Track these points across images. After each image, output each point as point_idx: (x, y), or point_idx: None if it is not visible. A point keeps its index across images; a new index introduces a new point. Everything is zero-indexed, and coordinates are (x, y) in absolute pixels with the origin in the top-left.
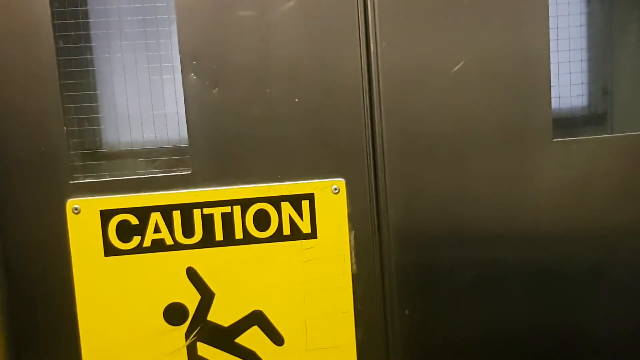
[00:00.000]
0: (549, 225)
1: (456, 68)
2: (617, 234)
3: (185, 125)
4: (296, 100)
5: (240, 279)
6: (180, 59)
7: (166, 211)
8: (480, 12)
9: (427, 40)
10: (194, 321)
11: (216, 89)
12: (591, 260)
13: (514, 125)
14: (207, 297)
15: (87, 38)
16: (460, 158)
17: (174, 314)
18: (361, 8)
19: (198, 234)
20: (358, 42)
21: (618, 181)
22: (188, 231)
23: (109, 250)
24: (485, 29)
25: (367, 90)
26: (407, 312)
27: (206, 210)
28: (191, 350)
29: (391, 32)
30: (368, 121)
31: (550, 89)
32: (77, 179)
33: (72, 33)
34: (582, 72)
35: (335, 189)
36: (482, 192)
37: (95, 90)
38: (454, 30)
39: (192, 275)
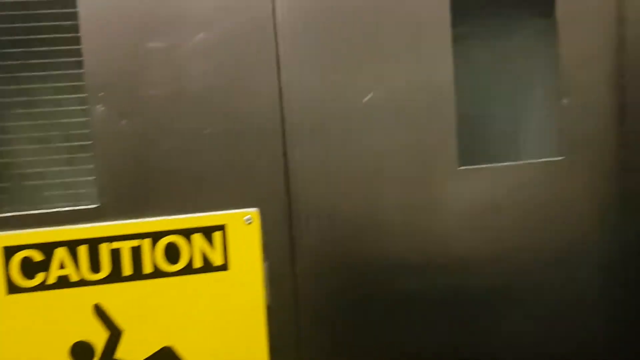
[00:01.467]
0: (457, 252)
1: (366, 99)
2: (521, 259)
3: (92, 158)
4: (207, 131)
5: (150, 314)
6: (88, 90)
7: (72, 246)
8: (390, 46)
9: (339, 71)
10: (102, 359)
11: (125, 121)
12: (498, 285)
13: (421, 154)
14: (115, 334)
15: None
16: (371, 186)
17: (80, 352)
18: (274, 40)
19: (105, 269)
20: (271, 73)
21: (521, 208)
22: (95, 266)
23: (12, 288)
24: (394, 62)
25: (280, 121)
26: (321, 343)
27: (114, 245)
28: None
29: (304, 64)
30: (282, 151)
31: (455, 118)
32: None
33: None
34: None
35: (249, 220)
36: (392, 221)
37: None
38: (364, 63)
39: (99, 312)
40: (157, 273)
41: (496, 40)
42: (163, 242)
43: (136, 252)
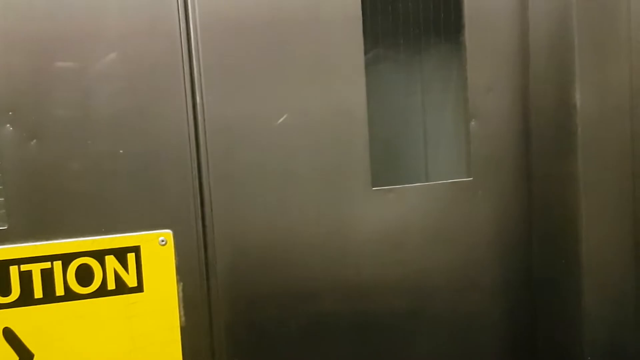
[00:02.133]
0: (369, 273)
1: (280, 120)
2: (431, 281)
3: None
4: (120, 152)
5: (63, 337)
6: None
7: None
8: (303, 69)
9: (252, 93)
10: None
11: (34, 141)
12: (408, 308)
13: (335, 175)
14: (26, 358)
15: None
16: (285, 208)
17: None
18: (186, 61)
19: (15, 292)
20: (184, 94)
21: (433, 227)
22: (4, 289)
23: None
24: (307, 85)
25: (193, 142)
26: None
27: (24, 267)
28: None
29: (216, 85)
30: (195, 172)
31: (367, 140)
32: None
33: None
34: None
35: (163, 241)
36: (305, 242)
37: None
38: (278, 86)
39: (9, 335)
40: (69, 295)
41: (407, 64)
42: (75, 264)
43: (47, 275)
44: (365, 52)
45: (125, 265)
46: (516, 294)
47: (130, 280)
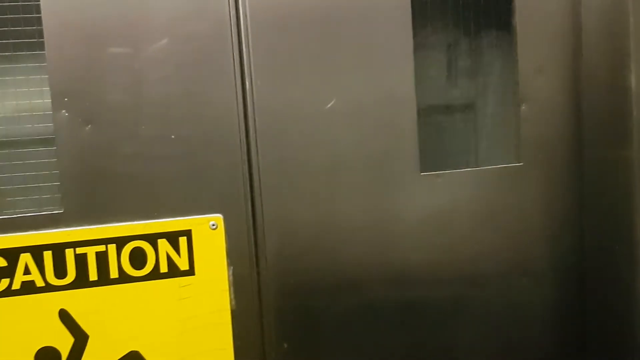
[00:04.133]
0: (417, 258)
1: (328, 106)
2: (481, 265)
3: (56, 163)
4: (172, 136)
5: (116, 319)
6: (51, 96)
7: (36, 252)
8: (353, 53)
9: (301, 79)
10: None
11: (89, 126)
12: (457, 290)
13: (383, 160)
14: (81, 339)
15: None
16: (333, 192)
17: (46, 358)
18: (236, 46)
19: (71, 275)
20: (233, 79)
21: (481, 213)
22: (60, 272)
23: None
24: (356, 70)
25: (243, 127)
26: (285, 346)
27: (79, 250)
28: None
29: (266, 71)
30: (245, 157)
31: (416, 125)
32: None
33: None
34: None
35: (213, 225)
36: (353, 226)
37: None
38: (326, 71)
39: (65, 317)
40: (123, 278)
41: (457, 48)
42: (129, 247)
43: (101, 257)
44: (415, 37)
45: (177, 249)
46: (566, 280)
47: (182, 264)
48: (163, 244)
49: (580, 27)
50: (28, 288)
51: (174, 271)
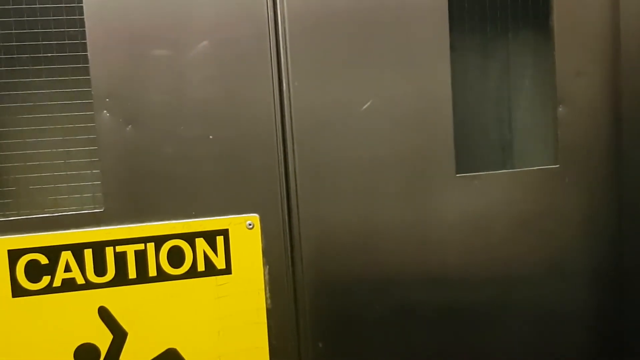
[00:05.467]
0: (454, 259)
1: (365, 107)
2: (517, 267)
3: (97, 163)
4: (210, 137)
5: (154, 316)
6: (93, 96)
7: (77, 250)
8: (388, 55)
9: (337, 80)
10: None
11: (130, 127)
12: (493, 293)
13: (419, 161)
14: (119, 336)
15: None
16: (369, 194)
17: (85, 355)
18: (274, 49)
19: (110, 273)
20: (271, 81)
21: (518, 215)
22: (100, 270)
23: (17, 291)
24: (393, 71)
25: (280, 128)
26: (320, 345)
27: (119, 248)
28: None
29: (303, 72)
30: (281, 158)
31: (452, 126)
32: None
33: None
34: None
35: (250, 225)
36: (390, 228)
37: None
38: (363, 72)
39: (104, 314)
40: (161, 276)
41: (494, 49)
42: (167, 245)
43: (140, 256)
44: (451, 36)
45: (214, 248)
46: (604, 284)
47: (219, 262)
48: (201, 242)
49: (618, 29)
50: (69, 285)
51: (211, 270)
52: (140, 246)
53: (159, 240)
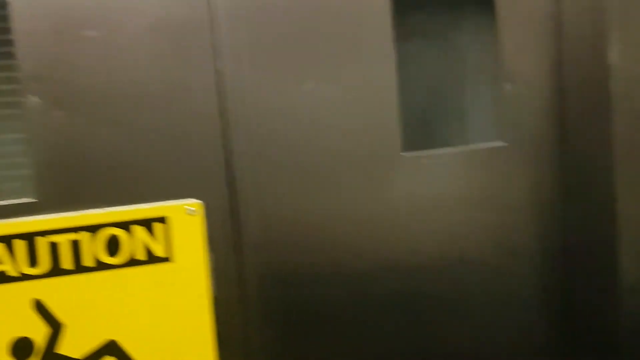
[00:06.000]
0: (403, 238)
1: (307, 88)
2: (466, 244)
3: (28, 151)
4: (149, 122)
5: (92, 308)
6: (22, 81)
7: (8, 241)
8: (331, 36)
9: (277, 62)
10: (43, 355)
11: (60, 112)
12: (440, 270)
13: (364, 142)
14: (55, 329)
15: None
16: (314, 177)
17: (20, 348)
18: (211, 31)
19: (44, 264)
20: (208, 63)
21: (465, 192)
22: (33, 261)
23: None
24: (335, 53)
25: (220, 112)
26: (269, 333)
27: (52, 238)
28: None
29: (242, 55)
30: (223, 142)
31: (396, 105)
32: None
33: None
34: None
35: (191, 211)
36: (337, 210)
37: None
38: (304, 54)
39: (39, 307)
40: (98, 266)
41: (440, 29)
42: (103, 234)
43: (75, 246)
44: (396, 16)
45: (153, 236)
46: (552, 258)
47: (160, 250)
48: (139, 230)
49: (561, 6)
50: (0, 278)
51: (151, 258)
52: (75, 235)
53: (94, 229)
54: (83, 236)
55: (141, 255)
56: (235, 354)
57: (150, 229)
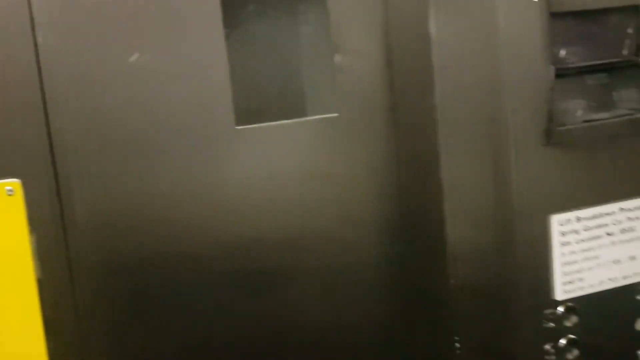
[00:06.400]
0: (242, 215)
1: (132, 59)
2: (304, 215)
3: None
4: None
5: None
6: None
7: None
8: (158, 6)
9: (100, 33)
10: None
11: None
12: (281, 242)
13: (196, 115)
14: None
15: None
16: (142, 152)
17: None
18: (29, 1)
19: None
20: (28, 37)
21: (300, 164)
22: None
23: None
24: (163, 23)
25: (40, 87)
26: (101, 315)
27: None
28: None
29: (62, 27)
30: (43, 118)
31: (228, 78)
32: None
33: None
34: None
35: (10, 191)
36: (166, 185)
37: None
38: (128, 22)
39: None
40: None
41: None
42: None
43: None
44: None
45: None
46: (389, 227)
47: None
48: None
49: None
50: None
51: None
52: None
53: None
54: None
55: None
56: (65, 337)
57: None
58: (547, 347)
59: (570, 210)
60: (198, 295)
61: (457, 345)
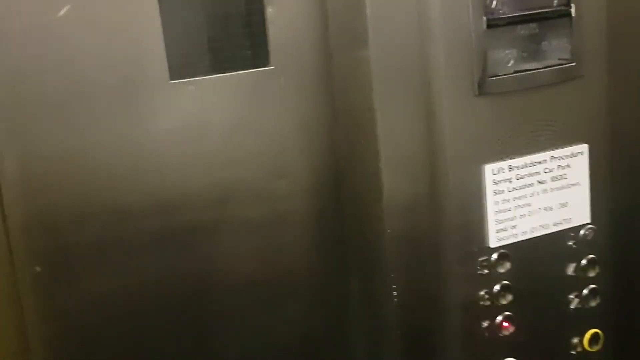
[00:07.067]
0: (174, 170)
1: (61, 13)
2: (238, 170)
3: None
4: None
5: None
6: None
7: None
8: None
9: None
10: None
11: None
12: (216, 196)
13: (129, 70)
14: None
15: None
16: (72, 108)
17: None
18: None
19: None
20: None
21: (236, 118)
22: None
23: None
24: None
25: None
26: (38, 269)
27: None
28: None
29: None
30: None
31: (161, 31)
32: None
33: None
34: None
35: None
36: (98, 141)
37: None
38: None
39: None
40: None
41: None
42: None
43: None
44: None
45: None
46: (323, 180)
47: None
48: None
49: None
50: None
51: None
52: None
53: None
54: None
55: None
56: (4, 292)
57: None
58: (482, 293)
59: (503, 160)
60: (130, 251)
61: (395, 293)
